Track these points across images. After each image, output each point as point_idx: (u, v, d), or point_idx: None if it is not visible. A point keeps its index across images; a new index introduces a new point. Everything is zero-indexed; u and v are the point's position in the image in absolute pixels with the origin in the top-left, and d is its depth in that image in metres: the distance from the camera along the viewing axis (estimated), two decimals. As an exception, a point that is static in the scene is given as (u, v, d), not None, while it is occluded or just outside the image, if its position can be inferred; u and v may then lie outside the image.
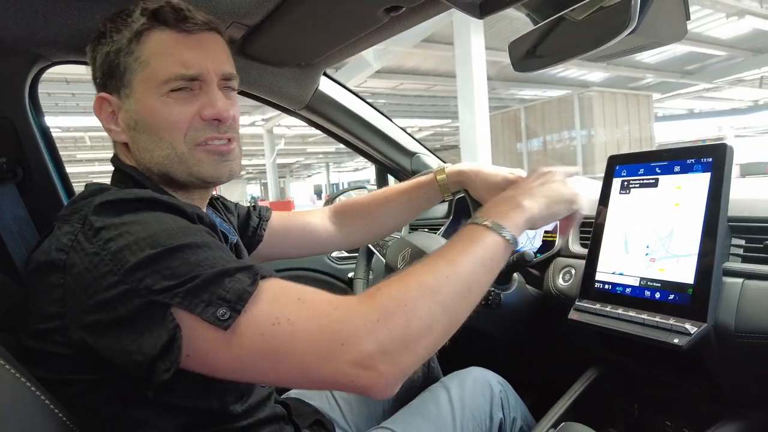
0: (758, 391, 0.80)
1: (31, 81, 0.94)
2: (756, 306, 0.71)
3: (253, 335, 0.48)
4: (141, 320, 0.48)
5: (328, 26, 0.94)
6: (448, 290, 0.54)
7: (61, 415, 0.53)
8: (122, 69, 0.63)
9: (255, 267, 0.52)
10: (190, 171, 0.66)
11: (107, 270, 0.49)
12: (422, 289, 0.52)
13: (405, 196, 0.98)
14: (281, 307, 0.50)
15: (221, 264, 0.50)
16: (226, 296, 0.48)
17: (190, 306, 0.47)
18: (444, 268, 0.55)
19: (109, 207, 0.54)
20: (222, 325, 0.47)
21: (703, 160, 0.80)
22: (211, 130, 0.66)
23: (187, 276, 0.48)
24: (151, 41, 0.62)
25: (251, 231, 0.95)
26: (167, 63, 0.62)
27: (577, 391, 0.96)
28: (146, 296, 0.48)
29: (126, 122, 0.65)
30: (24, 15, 0.78)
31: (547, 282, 1.04)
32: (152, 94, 0.63)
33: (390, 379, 0.49)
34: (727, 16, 7.50)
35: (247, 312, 0.48)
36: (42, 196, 0.95)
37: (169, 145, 0.64)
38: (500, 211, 0.64)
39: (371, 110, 1.42)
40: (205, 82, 0.65)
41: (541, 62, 0.77)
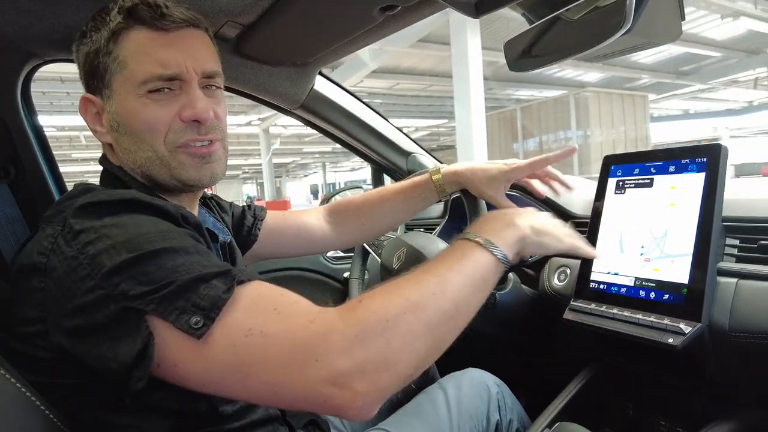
0: (752, 391, 0.80)
1: (23, 79, 0.94)
2: (750, 306, 0.72)
3: (224, 346, 0.46)
4: (116, 327, 0.47)
5: (323, 25, 0.94)
6: (433, 308, 0.51)
7: (53, 416, 0.52)
8: (102, 70, 0.62)
9: (232, 272, 0.50)
10: (172, 173, 0.65)
11: (85, 274, 0.49)
12: (406, 304, 0.49)
13: (400, 196, 0.98)
14: (255, 317, 0.47)
15: (198, 269, 0.49)
16: (200, 303, 0.46)
17: (164, 313, 0.46)
18: (431, 284, 0.53)
19: (88, 209, 0.53)
20: (195, 333, 0.45)
21: (698, 160, 0.80)
22: (191, 131, 0.64)
23: (162, 282, 0.47)
24: (128, 41, 0.60)
25: (246, 230, 0.94)
26: (144, 63, 0.60)
27: (572, 390, 0.96)
28: (121, 302, 0.47)
29: (109, 123, 0.64)
30: (15, 12, 0.77)
31: (543, 282, 1.04)
32: (131, 95, 0.61)
33: (367, 400, 0.46)
34: (721, 17, 7.54)
35: (220, 321, 0.46)
36: (35, 195, 0.95)
37: (149, 147, 0.63)
38: (493, 228, 0.62)
39: (367, 110, 1.42)
40: (185, 81, 0.63)
41: (537, 62, 0.77)
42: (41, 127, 0.99)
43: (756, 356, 0.73)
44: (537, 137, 10.90)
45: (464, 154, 6.40)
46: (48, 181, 0.97)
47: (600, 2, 0.65)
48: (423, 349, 0.50)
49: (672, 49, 9.47)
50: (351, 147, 1.52)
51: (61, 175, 1.02)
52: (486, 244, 0.59)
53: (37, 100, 0.94)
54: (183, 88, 0.63)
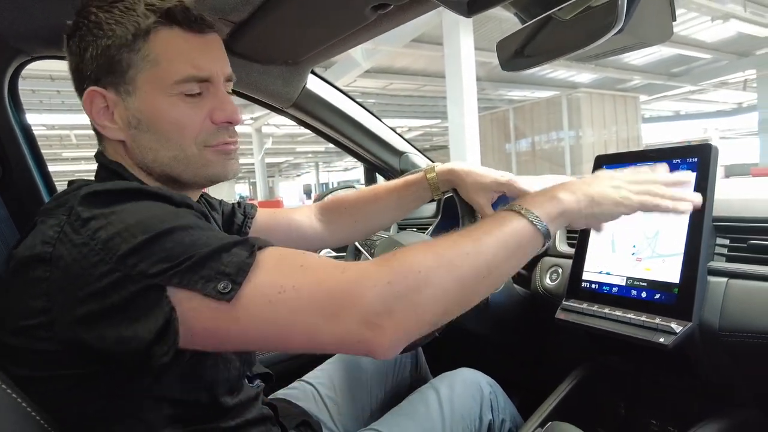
0: (743, 389, 0.81)
1: (10, 76, 0.92)
2: (740, 305, 0.72)
3: (259, 304, 0.48)
4: (136, 306, 0.48)
5: (315, 23, 0.93)
6: (466, 266, 0.53)
7: (41, 420, 0.51)
8: (124, 65, 0.60)
9: (251, 239, 0.52)
10: (197, 171, 0.66)
11: (98, 259, 0.48)
12: (440, 260, 0.52)
13: (394, 195, 0.97)
14: (284, 275, 0.50)
15: (216, 241, 0.50)
16: (225, 270, 0.48)
17: (189, 284, 0.47)
18: (466, 244, 0.54)
19: (95, 197, 0.53)
20: (224, 297, 0.47)
21: (689, 160, 0.81)
22: (222, 133, 0.66)
23: (183, 256, 0.48)
24: (160, 40, 0.60)
25: (236, 228, 0.93)
26: (179, 63, 0.61)
27: (565, 390, 0.96)
28: (141, 281, 0.47)
29: (125, 120, 0.63)
30: (2, 7, 0.76)
31: (535, 281, 1.04)
32: (161, 94, 0.61)
33: (393, 339, 0.49)
34: (712, 19, 7.61)
35: (249, 283, 0.48)
36: (22, 194, 0.93)
37: (177, 146, 0.63)
38: (535, 200, 0.62)
39: (360, 109, 1.42)
40: (213, 84, 0.64)
41: (529, 62, 0.77)
42: (30, 125, 0.98)
43: (746, 355, 0.73)
44: (529, 138, 10.94)
45: (457, 155, 6.41)
46: (36, 181, 0.96)
47: (592, 2, 0.65)
48: (451, 302, 0.53)
49: (663, 51, 9.55)
50: (344, 146, 1.52)
51: (49, 175, 1.01)
52: (525, 212, 0.59)
53: (27, 98, 0.92)
54: (210, 91, 0.64)
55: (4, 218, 0.85)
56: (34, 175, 0.96)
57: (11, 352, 0.53)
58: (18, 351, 0.53)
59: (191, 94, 0.62)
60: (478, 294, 0.56)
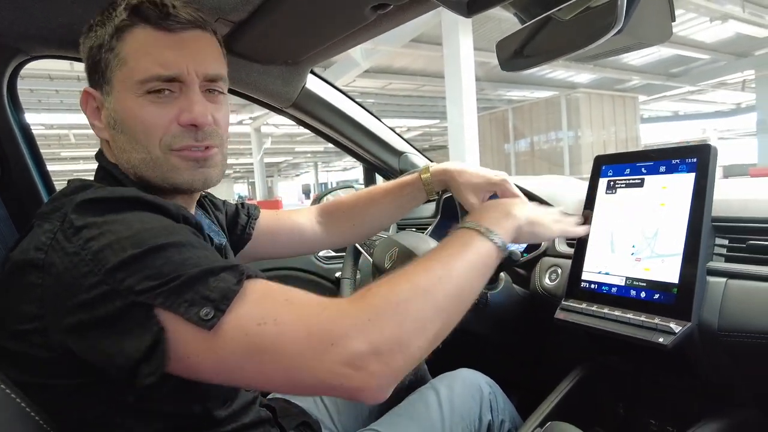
0: (742, 389, 0.81)
1: (9, 76, 0.92)
2: (739, 305, 0.72)
3: (238, 336, 0.46)
4: (122, 322, 0.47)
5: (314, 23, 0.93)
6: (440, 292, 0.53)
7: (40, 420, 0.51)
8: (103, 65, 0.61)
9: (241, 266, 0.50)
10: (164, 177, 0.63)
11: (87, 270, 0.48)
12: (415, 289, 0.51)
13: (390, 196, 0.97)
14: (267, 308, 0.48)
15: (206, 263, 0.49)
16: (210, 295, 0.46)
17: (172, 306, 0.46)
18: (437, 269, 0.55)
19: (90, 205, 0.52)
20: (206, 325, 0.45)
21: (688, 160, 0.81)
22: (188, 136, 0.63)
23: (170, 275, 0.47)
24: (131, 38, 0.59)
25: (239, 229, 0.93)
26: (144, 62, 0.59)
27: (564, 390, 0.96)
28: (128, 297, 0.46)
29: (107, 120, 0.64)
30: (1, 7, 0.76)
31: (534, 281, 1.04)
32: (130, 93, 0.60)
33: (382, 381, 0.47)
34: (710, 20, 7.62)
35: (232, 312, 0.46)
36: (21, 193, 0.93)
37: (144, 148, 0.62)
38: (491, 216, 0.64)
39: (359, 109, 1.42)
40: (185, 83, 0.62)
41: (529, 62, 0.77)
42: (28, 125, 0.98)
43: (745, 355, 0.74)
44: (528, 138, 10.95)
45: (456, 154, 6.42)
46: (35, 180, 0.96)
47: (592, 2, 0.65)
48: (433, 330, 0.52)
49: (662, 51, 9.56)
50: (343, 146, 1.52)
51: (48, 174, 1.01)
52: (486, 232, 0.61)
53: (26, 97, 0.92)
54: (183, 91, 0.62)
55: (3, 218, 0.85)
56: (33, 174, 0.96)
57: (10, 355, 0.53)
58: (17, 355, 0.52)
59: (156, 91, 0.60)
60: (455, 319, 0.55)
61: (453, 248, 0.59)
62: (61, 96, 9.27)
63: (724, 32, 8.59)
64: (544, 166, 10.51)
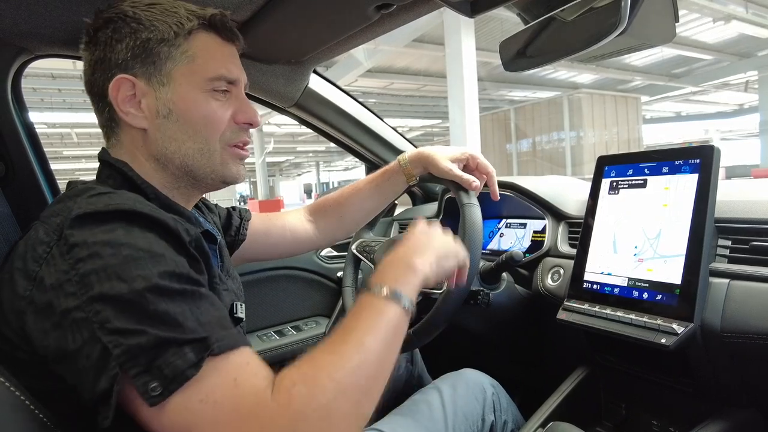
0: (743, 390, 0.81)
1: (13, 75, 0.92)
2: (741, 306, 0.72)
3: (178, 408, 0.46)
4: (83, 357, 0.46)
5: (318, 23, 0.93)
6: (361, 379, 0.53)
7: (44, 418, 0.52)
8: (162, 57, 0.64)
9: (209, 339, 0.49)
10: (214, 169, 0.68)
11: (71, 291, 0.48)
12: (337, 387, 0.50)
13: (372, 184, 1.01)
14: (213, 386, 0.48)
15: (178, 326, 0.48)
16: (163, 370, 0.46)
17: (126, 365, 0.45)
18: (354, 357, 0.53)
19: (84, 221, 0.51)
20: (150, 400, 0.45)
21: (691, 161, 0.81)
22: (243, 134, 0.70)
23: (137, 327, 0.46)
24: (200, 41, 0.65)
25: (234, 230, 0.94)
26: (214, 63, 0.66)
27: (566, 390, 0.96)
28: (95, 331, 0.46)
29: (154, 109, 0.64)
30: (5, 6, 0.76)
31: (536, 282, 1.05)
32: (195, 88, 0.65)
33: None
34: (713, 20, 7.61)
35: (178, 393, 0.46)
36: (25, 192, 0.93)
37: (203, 139, 0.66)
38: (396, 276, 0.62)
39: (362, 108, 1.42)
40: (237, 87, 0.69)
41: (532, 62, 0.77)
42: (32, 123, 0.98)
43: (748, 356, 0.74)
44: (530, 138, 10.94)
45: (458, 155, 6.41)
46: (39, 179, 0.96)
47: (595, 3, 0.65)
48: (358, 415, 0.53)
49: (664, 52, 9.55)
50: (345, 146, 1.52)
51: (51, 172, 1.01)
52: (393, 297, 0.59)
53: (28, 96, 0.93)
54: (234, 94, 0.69)
55: (7, 216, 0.85)
56: (36, 172, 0.96)
57: (5, 354, 0.53)
58: (5, 355, 0.53)
59: (220, 90, 0.67)
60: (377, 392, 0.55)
61: (364, 323, 0.57)
62: (63, 95, 9.30)
63: (727, 33, 8.58)
64: (545, 166, 10.50)
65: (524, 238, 1.24)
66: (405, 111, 14.09)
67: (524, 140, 11.08)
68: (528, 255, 1.11)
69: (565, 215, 1.10)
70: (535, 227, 1.23)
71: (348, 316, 0.59)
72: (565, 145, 10.16)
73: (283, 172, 31.83)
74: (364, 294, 0.61)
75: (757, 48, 9.81)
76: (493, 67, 8.92)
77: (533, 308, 1.05)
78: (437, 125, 16.84)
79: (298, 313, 1.53)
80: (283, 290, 1.50)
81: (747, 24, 7.73)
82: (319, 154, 23.69)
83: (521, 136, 11.11)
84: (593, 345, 0.95)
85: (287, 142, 17.86)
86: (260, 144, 14.31)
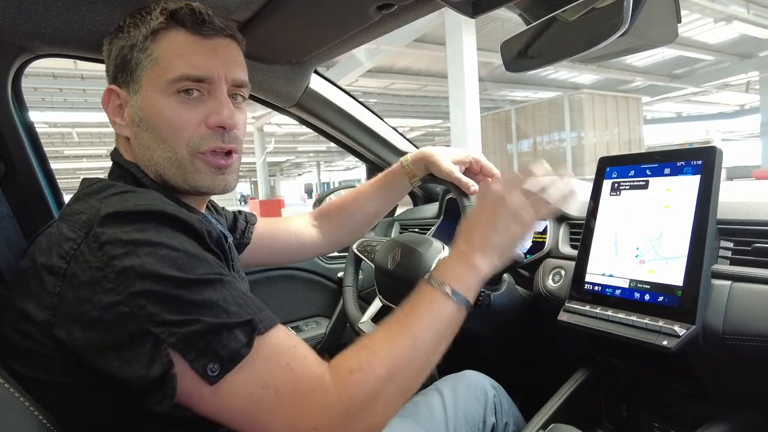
0: (745, 393, 0.81)
1: (14, 74, 0.92)
2: (744, 308, 0.72)
3: (240, 393, 0.50)
4: (133, 349, 0.48)
5: (319, 23, 0.93)
6: (410, 372, 0.56)
7: (42, 418, 0.51)
8: (133, 64, 0.63)
9: (254, 321, 0.52)
10: (186, 178, 0.65)
11: (110, 288, 0.48)
12: (388, 375, 0.54)
13: (375, 186, 1.01)
14: (271, 371, 0.51)
15: (224, 312, 0.50)
16: (220, 352, 0.48)
17: (183, 350, 0.48)
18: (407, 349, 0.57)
19: (115, 219, 0.52)
20: (210, 380, 0.48)
21: (693, 162, 0.80)
22: (215, 138, 0.64)
23: (188, 317, 0.48)
24: (165, 40, 0.62)
25: (239, 233, 0.95)
26: (177, 63, 0.61)
27: (567, 392, 0.96)
28: (143, 324, 0.47)
29: (131, 117, 0.65)
30: (6, 5, 0.76)
31: (537, 283, 1.04)
32: (159, 93, 0.62)
33: None
34: (715, 21, 7.61)
35: (237, 372, 0.49)
36: (25, 191, 0.93)
37: (170, 147, 0.63)
38: (457, 274, 0.63)
39: (362, 109, 1.42)
40: (213, 85, 0.64)
41: (533, 63, 0.77)
42: (32, 123, 0.98)
43: (750, 359, 0.73)
44: (531, 138, 10.94)
45: (459, 155, 6.41)
46: (39, 178, 0.96)
47: (597, 3, 0.65)
48: (401, 400, 0.57)
49: (666, 52, 9.54)
50: (346, 146, 1.52)
51: (52, 172, 1.01)
52: (453, 294, 0.61)
53: (29, 95, 0.93)
54: (211, 93, 0.64)
55: (7, 215, 0.85)
56: (36, 172, 0.96)
57: (14, 348, 0.53)
58: (21, 350, 0.53)
59: (186, 91, 0.62)
60: (420, 382, 0.59)
61: (419, 315, 0.59)
62: (64, 94, 9.31)
63: (729, 33, 8.58)
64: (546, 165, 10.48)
65: (525, 240, 1.24)
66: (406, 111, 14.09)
67: (525, 140, 11.08)
68: (529, 256, 1.11)
69: (566, 216, 1.10)
70: (536, 228, 1.22)
71: (408, 305, 0.61)
72: (566, 146, 10.16)
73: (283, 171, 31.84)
74: (426, 286, 0.62)
75: (758, 49, 9.81)
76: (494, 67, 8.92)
77: (534, 309, 1.05)
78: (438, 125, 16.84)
79: (298, 313, 1.53)
80: (284, 291, 1.50)
81: (748, 24, 7.73)
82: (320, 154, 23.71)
83: (522, 137, 11.11)
84: (594, 347, 0.95)
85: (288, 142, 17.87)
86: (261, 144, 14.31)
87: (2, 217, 0.83)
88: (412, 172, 0.96)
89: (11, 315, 0.55)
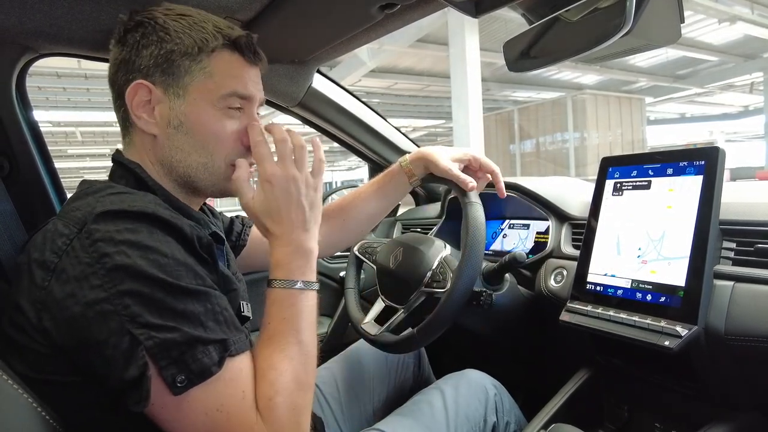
0: (747, 393, 0.80)
1: (18, 73, 0.93)
2: (746, 309, 0.72)
3: (197, 410, 0.51)
4: (111, 347, 0.49)
5: (321, 23, 0.94)
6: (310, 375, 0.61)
7: (45, 414, 0.52)
8: (182, 70, 0.64)
9: (228, 342, 0.54)
10: (216, 182, 0.69)
11: (97, 284, 0.49)
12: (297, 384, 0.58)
13: (375, 187, 1.01)
14: (229, 396, 0.53)
15: (201, 326, 0.52)
16: (191, 365, 0.50)
17: (157, 356, 0.49)
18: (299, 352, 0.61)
19: (108, 217, 0.53)
20: (174, 390, 0.50)
21: (696, 163, 0.80)
22: (247, 155, 0.69)
23: (168, 323, 0.50)
24: (221, 59, 0.66)
25: (235, 236, 0.96)
26: (230, 81, 0.66)
27: (568, 392, 0.96)
28: (124, 324, 0.49)
29: (166, 118, 0.65)
30: (10, 4, 0.76)
31: (539, 283, 1.04)
32: (209, 104, 0.65)
33: None
34: (719, 21, 7.58)
35: (201, 387, 0.51)
36: (28, 190, 0.94)
37: (209, 154, 0.67)
38: (299, 266, 0.65)
39: (365, 108, 1.42)
40: (250, 104, 0.69)
41: (536, 63, 0.77)
42: (36, 122, 0.98)
43: (752, 359, 0.73)
44: (534, 138, 10.91)
45: (461, 155, 6.40)
46: (43, 177, 0.96)
47: (600, 3, 0.65)
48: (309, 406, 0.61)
49: (669, 53, 9.52)
50: (349, 146, 1.52)
51: (55, 171, 1.01)
52: (307, 286, 0.65)
53: (33, 95, 0.93)
54: (245, 111, 0.69)
55: (11, 213, 0.86)
56: (40, 171, 0.96)
57: (13, 345, 0.54)
58: (18, 346, 0.53)
59: (234, 107, 0.67)
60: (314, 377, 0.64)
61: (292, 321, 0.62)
62: (68, 93, 9.33)
63: (733, 34, 8.55)
64: (549, 167, 10.47)
65: (527, 239, 1.24)
66: (408, 111, 14.08)
67: (528, 141, 11.05)
68: (531, 256, 1.11)
69: (568, 216, 1.09)
70: (539, 228, 1.22)
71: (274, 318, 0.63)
72: (569, 146, 10.13)
73: (286, 171, 31.79)
74: (280, 291, 0.64)
75: (762, 49, 9.77)
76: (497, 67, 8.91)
77: (536, 309, 1.05)
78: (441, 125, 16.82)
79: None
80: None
81: (752, 25, 7.70)
82: (323, 154, 23.68)
83: (525, 137, 11.08)
84: (596, 347, 0.95)
85: (290, 142, 17.84)
86: (264, 143, 14.29)
87: (5, 214, 0.83)
88: (411, 172, 0.97)
89: (9, 310, 0.55)
